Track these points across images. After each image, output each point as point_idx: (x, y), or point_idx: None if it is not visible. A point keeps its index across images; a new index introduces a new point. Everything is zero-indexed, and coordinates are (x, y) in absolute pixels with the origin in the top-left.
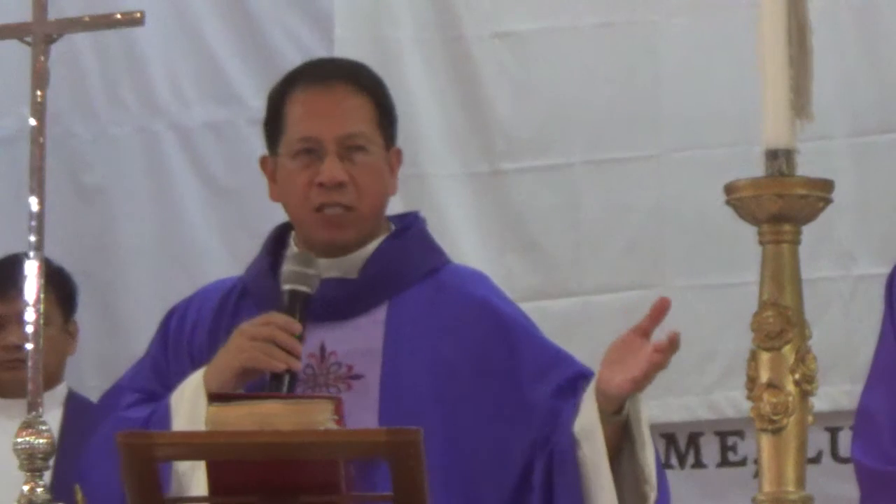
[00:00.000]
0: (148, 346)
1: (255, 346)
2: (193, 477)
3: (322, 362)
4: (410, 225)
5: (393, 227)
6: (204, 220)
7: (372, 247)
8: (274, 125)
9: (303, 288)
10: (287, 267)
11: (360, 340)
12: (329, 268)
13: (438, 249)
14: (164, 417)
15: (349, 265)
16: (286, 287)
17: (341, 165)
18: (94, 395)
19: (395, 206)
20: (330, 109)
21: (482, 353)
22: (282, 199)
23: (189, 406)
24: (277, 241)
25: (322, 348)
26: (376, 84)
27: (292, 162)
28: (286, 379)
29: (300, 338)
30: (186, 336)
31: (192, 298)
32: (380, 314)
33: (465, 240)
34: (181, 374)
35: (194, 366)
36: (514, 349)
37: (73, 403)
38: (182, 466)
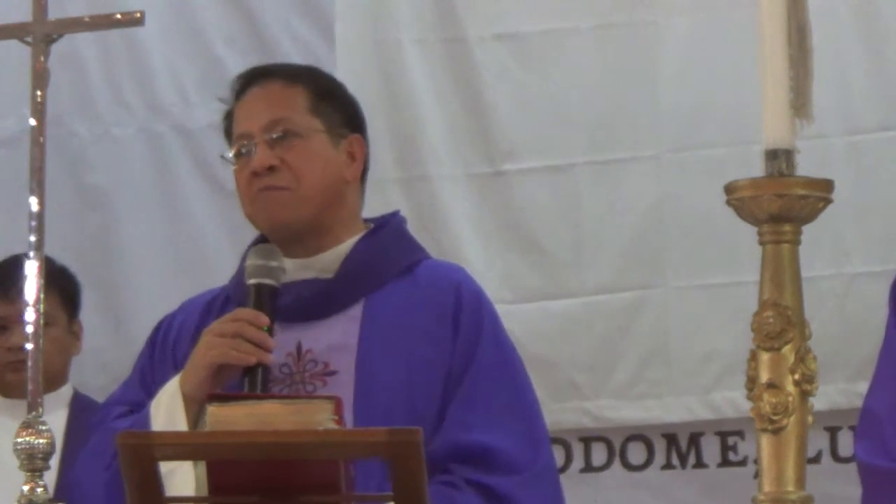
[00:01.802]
0: (137, 359)
1: (223, 343)
2: (175, 476)
3: (299, 361)
4: (387, 222)
5: (372, 227)
6: (208, 221)
7: (347, 245)
8: (229, 142)
9: (267, 281)
10: (250, 261)
11: (335, 337)
12: (304, 267)
13: (416, 245)
14: (144, 425)
15: (324, 264)
16: (251, 282)
17: (271, 152)
18: (98, 396)
19: (397, 207)
20: (257, 104)
21: (434, 330)
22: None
23: (166, 411)
24: None
25: (299, 347)
26: (310, 74)
27: (236, 165)
28: (258, 372)
29: (270, 331)
30: (171, 345)
31: (178, 310)
32: (356, 311)
33: (466, 240)
34: (164, 383)
35: (177, 373)
36: (458, 338)
37: (79, 404)
38: (163, 469)
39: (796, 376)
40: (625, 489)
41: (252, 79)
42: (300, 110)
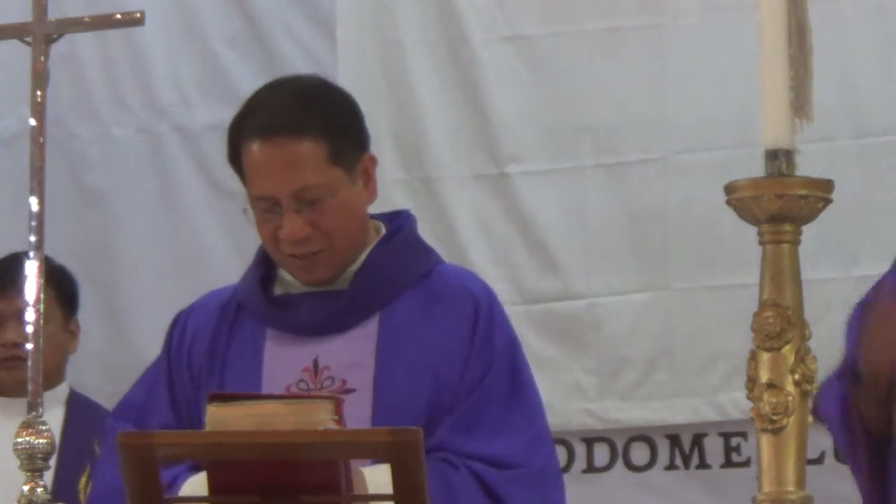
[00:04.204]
0: (156, 360)
1: None
2: None
3: (315, 377)
4: (401, 227)
5: (383, 230)
6: (208, 222)
7: (362, 257)
8: (235, 163)
9: None
10: None
11: (352, 354)
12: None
13: (428, 251)
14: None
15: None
16: None
17: (301, 219)
18: (96, 396)
19: (402, 209)
20: (278, 166)
21: (451, 343)
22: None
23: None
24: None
25: (315, 363)
26: (320, 114)
27: (256, 209)
28: None
29: None
30: (186, 350)
31: (191, 310)
32: (372, 326)
33: (472, 242)
34: (185, 390)
35: (193, 382)
36: (471, 352)
37: (75, 402)
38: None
39: (796, 376)
40: (627, 490)
41: (262, 128)
42: (321, 166)
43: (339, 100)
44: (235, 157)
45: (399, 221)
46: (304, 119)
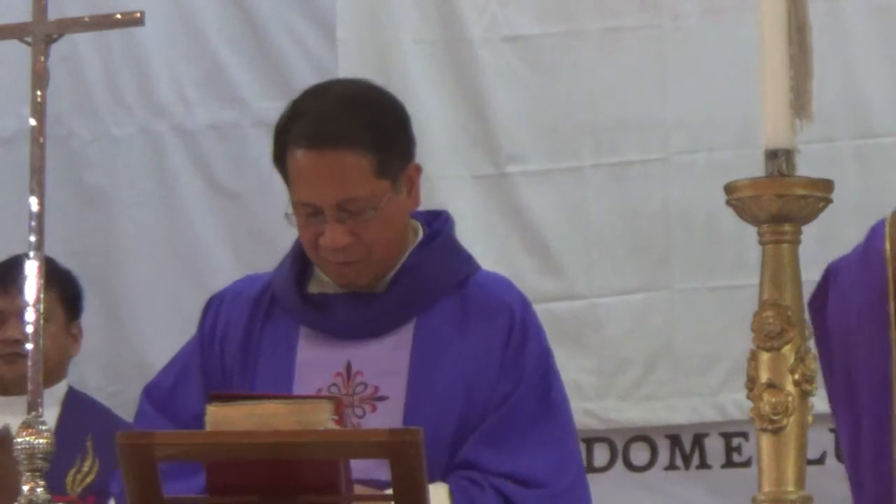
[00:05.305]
0: (188, 344)
1: None
2: None
3: (348, 382)
4: (439, 230)
5: (420, 231)
6: (207, 222)
7: (400, 260)
8: (280, 164)
9: None
10: None
11: (386, 361)
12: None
13: (466, 257)
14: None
15: None
16: None
17: (343, 228)
18: (96, 397)
19: None
20: (324, 176)
21: (485, 355)
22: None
23: None
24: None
25: (348, 367)
26: (369, 126)
27: (298, 213)
28: None
29: None
30: (219, 338)
31: (224, 296)
32: (407, 333)
33: (471, 242)
34: (215, 378)
35: (225, 374)
36: (503, 365)
37: (72, 400)
38: None
39: (796, 376)
40: (627, 490)
41: (311, 136)
42: (367, 179)
43: (389, 109)
44: (280, 159)
45: (438, 224)
46: (352, 131)
